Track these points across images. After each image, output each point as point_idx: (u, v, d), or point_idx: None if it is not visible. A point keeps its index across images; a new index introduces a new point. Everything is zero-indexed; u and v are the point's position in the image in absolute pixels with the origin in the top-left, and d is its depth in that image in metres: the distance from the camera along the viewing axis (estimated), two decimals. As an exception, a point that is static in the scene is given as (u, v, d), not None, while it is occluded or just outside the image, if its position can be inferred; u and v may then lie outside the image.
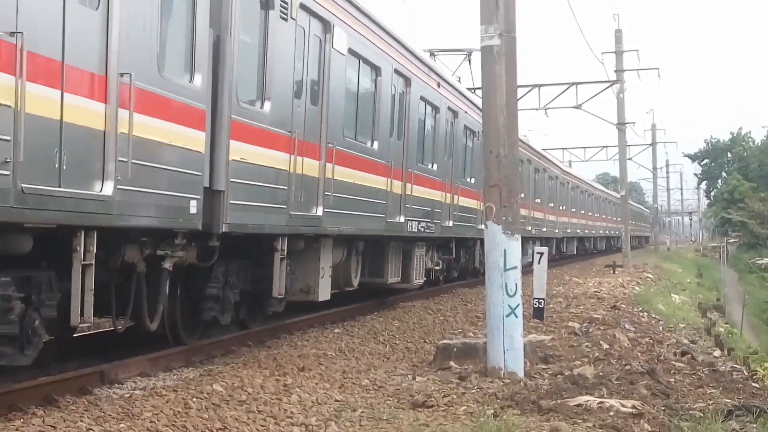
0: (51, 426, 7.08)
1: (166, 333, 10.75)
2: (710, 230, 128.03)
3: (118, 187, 8.00)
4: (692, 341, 17.05)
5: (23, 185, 6.82)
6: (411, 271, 18.58)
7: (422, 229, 18.24)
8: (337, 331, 14.23)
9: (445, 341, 11.87)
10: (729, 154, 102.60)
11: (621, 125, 42.37)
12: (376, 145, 15.42)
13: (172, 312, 10.53)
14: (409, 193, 17.20)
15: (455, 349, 11.27)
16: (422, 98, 18.34)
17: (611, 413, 8.13)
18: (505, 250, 10.36)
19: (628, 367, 10.65)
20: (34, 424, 7.07)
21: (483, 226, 10.99)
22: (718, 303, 35.66)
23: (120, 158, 7.99)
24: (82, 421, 7.35)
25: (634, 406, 8.30)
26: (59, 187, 7.28)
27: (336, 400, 8.92)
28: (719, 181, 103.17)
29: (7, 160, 6.66)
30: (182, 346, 11.03)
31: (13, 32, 6.67)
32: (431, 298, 20.88)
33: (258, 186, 10.88)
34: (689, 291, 36.85)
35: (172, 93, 9.00)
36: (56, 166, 7.26)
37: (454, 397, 9.06)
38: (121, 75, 8.02)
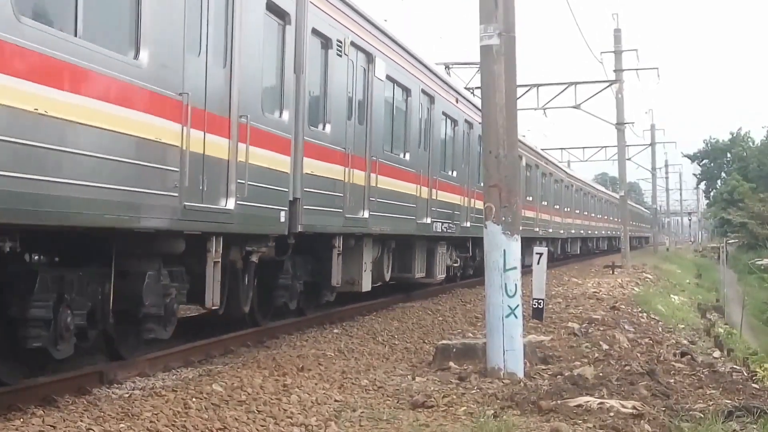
0: (51, 426, 7.06)
1: (245, 316, 12.54)
2: (709, 231, 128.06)
3: (237, 202, 10.26)
4: (692, 342, 17.04)
5: (185, 203, 9.11)
6: (434, 267, 20.68)
7: (445, 230, 20.39)
8: (336, 331, 14.22)
9: (444, 342, 11.85)
10: (728, 155, 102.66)
11: (620, 125, 42.26)
12: (407, 156, 17.91)
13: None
14: (434, 198, 19.51)
15: (454, 350, 11.25)
16: (444, 113, 20.88)
17: (611, 414, 8.12)
18: (504, 251, 10.34)
19: (627, 368, 10.64)
20: (33, 424, 7.06)
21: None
22: (717, 304, 35.67)
23: (239, 180, 10.26)
24: (81, 420, 7.34)
25: (634, 407, 8.28)
26: (202, 203, 9.57)
27: (335, 401, 8.91)
28: (718, 181, 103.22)
29: (176, 185, 8.93)
30: (183, 345, 11.13)
31: (181, 93, 8.98)
32: (430, 298, 20.90)
33: (322, 194, 13.18)
34: (688, 292, 36.85)
35: (271, 127, 11.38)
36: (200, 188, 9.54)
37: (454, 397, 9.04)
38: (240, 117, 10.28)
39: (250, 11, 10.62)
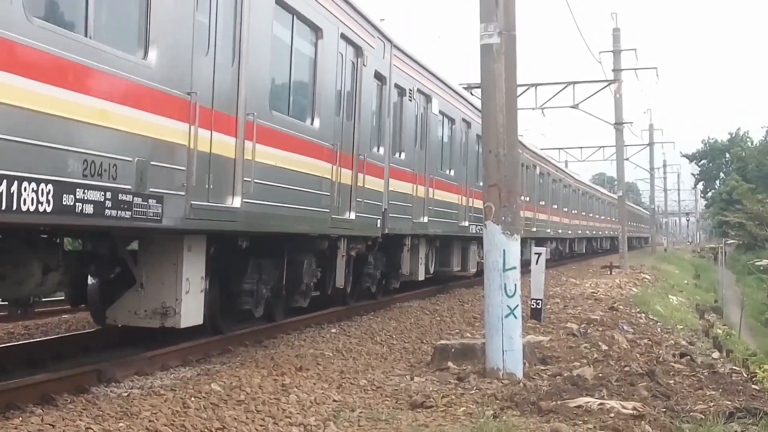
0: (50, 424, 7.02)
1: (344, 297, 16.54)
2: (708, 231, 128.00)
3: (357, 214, 14.61)
4: (690, 343, 17.02)
5: (332, 216, 13.50)
6: (468, 262, 24.64)
7: (478, 231, 23.25)
8: (333, 331, 14.20)
9: (442, 342, 11.82)
10: (727, 155, 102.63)
11: (618, 125, 42.11)
12: (452, 172, 22.28)
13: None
14: (470, 205, 23.44)
15: (453, 350, 11.21)
16: (477, 135, 23.61)
17: (612, 414, 8.09)
18: (504, 251, 10.29)
19: (627, 369, 10.61)
20: (32, 423, 7.01)
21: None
22: (715, 304, 35.70)
23: (357, 199, 14.65)
24: (80, 419, 7.30)
25: (634, 408, 8.26)
26: (338, 215, 13.85)
27: (334, 400, 8.88)
28: (717, 181, 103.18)
29: (329, 205, 13.34)
30: (182, 344, 11.08)
31: (333, 143, 13.51)
32: (428, 298, 20.88)
33: (399, 205, 17.37)
34: (687, 292, 36.87)
35: (375, 160, 15.88)
36: (337, 205, 13.74)
37: (453, 397, 9.01)
38: (359, 155, 14.72)
39: (366, 81, 15.22)
